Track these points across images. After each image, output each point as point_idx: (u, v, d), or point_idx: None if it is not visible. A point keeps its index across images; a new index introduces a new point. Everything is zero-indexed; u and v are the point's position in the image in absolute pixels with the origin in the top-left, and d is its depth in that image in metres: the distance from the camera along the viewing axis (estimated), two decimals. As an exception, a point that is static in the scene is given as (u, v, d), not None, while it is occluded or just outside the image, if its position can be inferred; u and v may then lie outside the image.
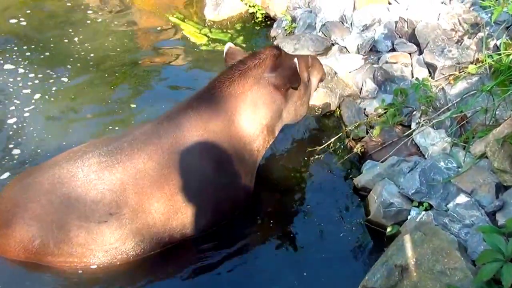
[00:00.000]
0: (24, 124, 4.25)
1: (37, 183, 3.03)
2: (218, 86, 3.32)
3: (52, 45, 5.39)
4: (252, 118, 3.34)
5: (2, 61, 5.06)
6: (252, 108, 3.33)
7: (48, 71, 4.94)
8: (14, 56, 5.16)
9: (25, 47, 5.33)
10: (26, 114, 4.35)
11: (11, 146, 4.01)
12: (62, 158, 3.16)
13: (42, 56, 5.20)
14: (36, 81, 4.78)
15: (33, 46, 5.35)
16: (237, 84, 3.31)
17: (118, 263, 3.06)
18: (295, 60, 3.36)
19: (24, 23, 5.79)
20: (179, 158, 3.13)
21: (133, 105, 4.51)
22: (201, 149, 3.19)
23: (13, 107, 4.43)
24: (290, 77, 3.36)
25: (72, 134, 4.11)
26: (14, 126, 4.22)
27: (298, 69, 3.35)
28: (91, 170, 3.02)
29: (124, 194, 3.01)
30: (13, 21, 5.81)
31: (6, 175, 3.71)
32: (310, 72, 3.71)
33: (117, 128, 4.18)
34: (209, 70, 4.93)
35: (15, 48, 5.28)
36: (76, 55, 5.21)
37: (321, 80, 3.92)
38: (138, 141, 3.14)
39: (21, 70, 4.93)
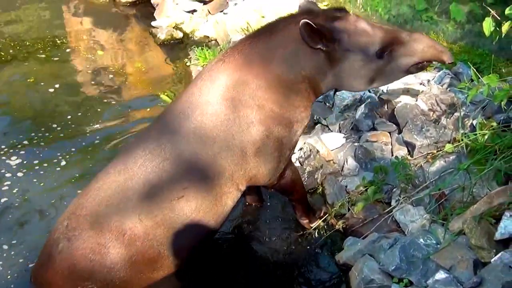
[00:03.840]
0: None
1: (113, 185, 3.19)
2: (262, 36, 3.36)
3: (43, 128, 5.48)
4: (291, 65, 3.28)
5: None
6: (292, 55, 3.27)
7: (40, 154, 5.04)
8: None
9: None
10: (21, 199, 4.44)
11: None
12: (111, 169, 3.28)
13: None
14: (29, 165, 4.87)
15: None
16: (281, 34, 3.30)
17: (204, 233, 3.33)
18: (304, 20, 3.13)
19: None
20: (224, 116, 3.23)
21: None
22: (239, 98, 3.25)
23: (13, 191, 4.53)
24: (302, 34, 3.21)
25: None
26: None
27: (304, 31, 3.15)
28: (152, 159, 3.17)
29: (187, 166, 3.19)
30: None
31: None
32: (396, 49, 3.34)
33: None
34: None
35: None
36: (72, 138, 5.30)
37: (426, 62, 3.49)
38: (183, 113, 3.27)
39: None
